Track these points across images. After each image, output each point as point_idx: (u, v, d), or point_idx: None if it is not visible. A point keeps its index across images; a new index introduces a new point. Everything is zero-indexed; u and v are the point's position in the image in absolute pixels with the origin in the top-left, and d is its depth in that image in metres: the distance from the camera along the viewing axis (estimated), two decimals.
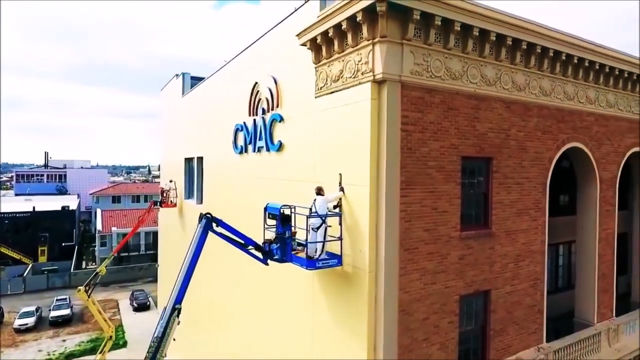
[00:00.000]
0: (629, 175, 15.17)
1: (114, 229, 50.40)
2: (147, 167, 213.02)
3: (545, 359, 10.75)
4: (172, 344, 8.15)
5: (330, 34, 9.10)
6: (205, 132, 19.63)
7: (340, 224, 8.90)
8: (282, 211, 8.77)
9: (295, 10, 11.26)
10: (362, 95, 8.51)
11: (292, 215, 9.04)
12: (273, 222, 9.22)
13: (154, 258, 50.53)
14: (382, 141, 8.33)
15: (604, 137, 12.60)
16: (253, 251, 9.02)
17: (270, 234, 9.27)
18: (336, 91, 9.40)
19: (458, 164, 9.30)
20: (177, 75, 26.29)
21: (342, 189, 9.09)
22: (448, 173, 9.13)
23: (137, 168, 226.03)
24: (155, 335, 7.76)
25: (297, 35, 10.17)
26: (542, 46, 10.15)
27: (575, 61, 11.08)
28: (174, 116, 26.92)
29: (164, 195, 24.60)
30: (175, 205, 24.59)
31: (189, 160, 23.88)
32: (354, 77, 8.80)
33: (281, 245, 9.02)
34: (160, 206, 24.56)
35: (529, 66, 10.33)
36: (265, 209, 9.36)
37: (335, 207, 9.14)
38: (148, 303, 38.93)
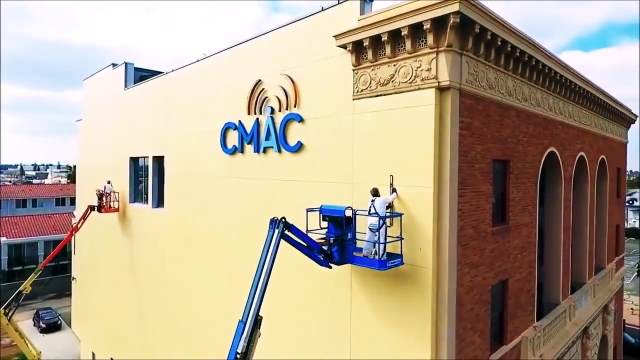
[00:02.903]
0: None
1: (3, 239, 42.96)
2: (19, 167, 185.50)
3: (541, 336, 12.32)
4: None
5: (384, 38, 9.31)
6: (169, 130, 18.11)
7: (401, 223, 9.15)
8: (345, 213, 8.74)
9: (323, 10, 11.17)
10: (424, 101, 8.88)
11: (353, 217, 9.04)
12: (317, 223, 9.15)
13: (55, 271, 44.45)
14: (444, 144, 8.82)
15: (566, 142, 14.82)
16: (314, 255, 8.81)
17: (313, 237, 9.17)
18: (384, 94, 9.63)
19: (491, 166, 10.24)
20: (113, 64, 23.75)
21: (394, 190, 9.36)
22: (485, 174, 10.01)
23: (4, 167, 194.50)
24: (239, 350, 7.16)
25: (337, 36, 10.14)
26: (542, 63, 11.63)
27: (558, 77, 12.88)
28: (108, 110, 24.18)
29: (103, 199, 21.94)
30: (117, 209, 22.14)
31: (135, 160, 21.75)
32: (411, 83, 9.14)
33: (340, 247, 8.98)
34: (99, 211, 21.83)
35: (531, 80, 11.76)
36: (320, 210, 9.21)
37: (387, 207, 9.36)
38: (59, 322, 34.18)
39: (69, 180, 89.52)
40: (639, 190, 73.63)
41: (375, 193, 9.16)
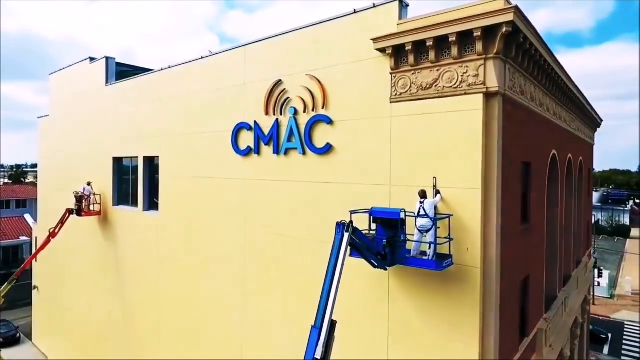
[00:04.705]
0: None
1: None
2: None
3: (551, 326, 13.11)
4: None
5: (429, 44, 9.49)
6: (164, 129, 17.34)
7: (449, 224, 9.37)
8: (401, 215, 8.86)
9: (355, 12, 11.19)
10: (471, 105, 9.17)
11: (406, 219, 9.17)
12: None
13: (6, 279, 40.88)
14: (490, 147, 9.16)
15: (561, 145, 15.84)
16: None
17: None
18: (426, 98, 9.83)
19: (520, 168, 10.77)
20: (91, 58, 22.36)
21: (438, 192, 9.60)
22: (518, 176, 10.51)
23: None
24: (317, 357, 7.05)
25: (376, 39, 10.22)
26: (555, 70, 12.36)
27: (561, 83, 13.73)
28: (84, 107, 22.71)
29: (83, 201, 20.55)
30: (99, 213, 20.84)
31: (119, 160, 20.60)
32: (456, 88, 9.40)
33: (392, 249, 9.08)
34: (79, 215, 20.44)
35: (545, 86, 12.48)
36: (371, 212, 9.26)
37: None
38: (18, 335, 31.54)
39: (10, 181, 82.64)
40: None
41: (424, 195, 9.33)
